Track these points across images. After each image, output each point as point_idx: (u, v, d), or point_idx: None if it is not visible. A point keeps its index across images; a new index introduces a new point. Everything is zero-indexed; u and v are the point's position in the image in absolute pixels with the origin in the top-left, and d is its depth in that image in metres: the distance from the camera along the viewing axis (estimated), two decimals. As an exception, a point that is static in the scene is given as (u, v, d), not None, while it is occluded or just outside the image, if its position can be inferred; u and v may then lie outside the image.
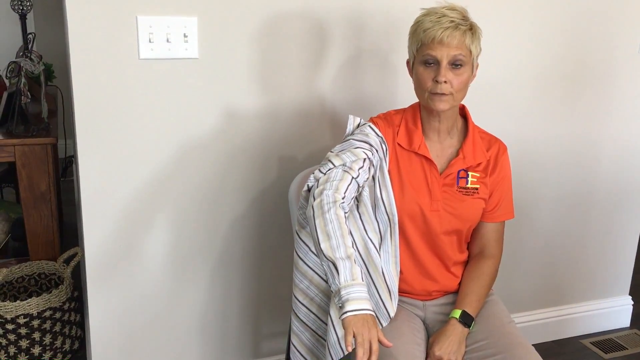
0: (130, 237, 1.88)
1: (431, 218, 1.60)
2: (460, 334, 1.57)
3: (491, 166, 1.64)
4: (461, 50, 1.49)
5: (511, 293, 2.44)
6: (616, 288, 2.65)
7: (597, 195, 2.47)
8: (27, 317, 2.19)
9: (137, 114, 1.78)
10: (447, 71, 1.50)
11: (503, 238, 1.73)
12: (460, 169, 1.61)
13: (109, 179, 1.80)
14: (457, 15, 1.50)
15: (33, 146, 2.35)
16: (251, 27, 1.81)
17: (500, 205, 1.67)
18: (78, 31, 1.66)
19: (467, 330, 1.58)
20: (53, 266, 2.43)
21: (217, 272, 2.02)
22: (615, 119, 2.38)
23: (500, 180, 1.66)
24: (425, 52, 1.51)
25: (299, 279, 1.60)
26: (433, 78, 1.51)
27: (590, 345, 2.55)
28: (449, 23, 1.48)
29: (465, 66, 1.51)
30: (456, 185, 1.61)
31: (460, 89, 1.53)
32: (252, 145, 1.93)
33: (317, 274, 1.59)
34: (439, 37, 1.48)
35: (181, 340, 2.04)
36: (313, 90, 1.94)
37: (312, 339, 1.61)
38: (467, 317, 1.59)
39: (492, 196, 1.65)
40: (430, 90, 1.53)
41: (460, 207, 1.60)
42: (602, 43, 2.25)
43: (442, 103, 1.53)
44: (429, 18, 1.50)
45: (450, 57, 1.49)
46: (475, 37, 1.52)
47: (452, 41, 1.48)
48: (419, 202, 1.59)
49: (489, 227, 1.69)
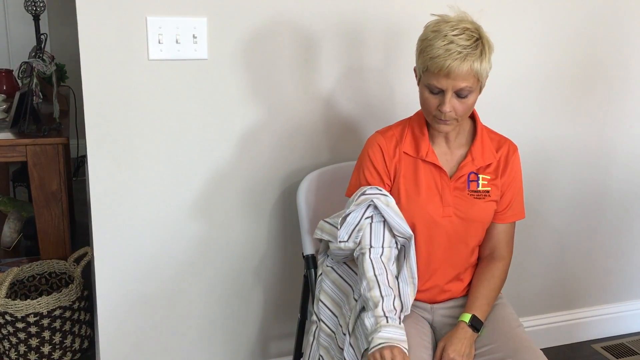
0: (139, 237, 1.88)
1: (443, 224, 1.59)
2: (470, 337, 1.56)
3: (502, 167, 1.63)
4: (467, 82, 1.45)
5: (522, 296, 2.43)
6: (629, 292, 2.62)
7: (610, 197, 2.44)
8: (37, 315, 2.20)
9: (146, 114, 1.78)
10: (453, 101, 1.47)
11: (513, 239, 1.71)
12: (470, 172, 1.60)
13: (119, 180, 1.81)
14: (467, 41, 1.43)
15: (44, 146, 2.36)
16: (260, 28, 1.81)
17: (511, 206, 1.66)
18: (88, 32, 1.67)
19: (476, 334, 1.57)
20: (64, 265, 2.45)
21: (225, 273, 2.02)
22: (628, 119, 2.35)
23: (511, 181, 1.64)
24: (430, 80, 1.47)
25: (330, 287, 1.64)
26: (437, 106, 1.49)
27: (601, 349, 2.52)
28: (457, 55, 1.41)
29: (472, 94, 1.49)
30: (467, 189, 1.59)
31: (466, 113, 1.51)
32: (261, 145, 1.93)
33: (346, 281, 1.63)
34: (445, 70, 1.42)
35: (190, 340, 2.05)
36: (325, 90, 1.93)
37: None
38: (477, 321, 1.58)
39: (503, 197, 1.64)
40: (434, 114, 1.52)
41: (472, 211, 1.59)
42: (613, 43, 2.23)
43: (446, 127, 1.53)
44: (438, 43, 1.43)
45: (456, 88, 1.45)
46: (485, 60, 1.46)
47: (460, 74, 1.43)
48: (429, 208, 1.58)
49: (499, 228, 1.67)
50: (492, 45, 1.50)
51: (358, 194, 1.53)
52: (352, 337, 1.53)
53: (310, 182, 1.88)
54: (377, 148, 1.62)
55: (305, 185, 1.87)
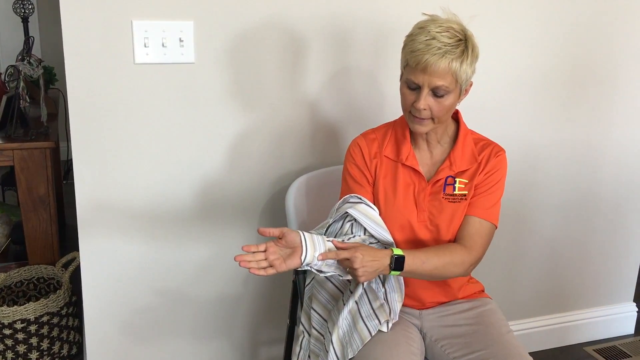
0: (127, 242, 1.86)
1: (419, 230, 1.58)
2: (382, 265, 1.43)
3: (481, 168, 1.59)
4: (444, 80, 1.43)
5: (514, 299, 2.42)
6: (620, 294, 2.61)
7: (601, 200, 2.44)
8: (25, 322, 2.18)
9: (132, 119, 1.76)
10: (428, 98, 1.46)
11: (485, 241, 1.59)
12: (447, 176, 1.58)
13: (105, 184, 1.79)
14: (449, 39, 1.42)
15: (32, 150, 2.34)
16: (248, 32, 1.79)
17: (480, 199, 1.57)
18: (73, 35, 1.65)
19: (389, 271, 1.46)
20: (52, 270, 2.43)
21: (214, 278, 2.00)
22: (618, 123, 2.35)
23: (485, 179, 1.58)
24: (409, 75, 1.47)
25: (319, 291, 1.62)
26: (413, 102, 1.48)
27: (593, 352, 2.51)
28: (437, 50, 1.40)
29: (448, 94, 1.46)
30: (442, 192, 1.58)
31: (442, 114, 1.49)
32: (249, 149, 1.91)
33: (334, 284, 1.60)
34: (422, 64, 1.42)
35: (178, 346, 2.03)
36: (312, 93, 1.92)
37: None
38: (400, 264, 1.44)
39: (475, 190, 1.58)
40: (410, 111, 1.50)
41: (443, 215, 1.56)
42: (605, 46, 2.23)
43: (421, 127, 1.51)
44: (420, 38, 1.43)
45: (432, 85, 1.44)
46: (467, 62, 1.44)
47: (436, 70, 1.42)
48: (406, 214, 1.57)
49: (468, 219, 1.57)
50: (478, 51, 1.48)
51: (340, 203, 1.52)
52: (336, 336, 1.51)
53: (299, 186, 1.87)
54: (358, 148, 1.62)
55: (294, 190, 1.85)
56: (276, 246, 1.41)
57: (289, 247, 1.42)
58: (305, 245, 1.42)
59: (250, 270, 1.37)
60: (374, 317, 1.52)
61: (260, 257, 1.39)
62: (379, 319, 1.51)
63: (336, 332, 1.51)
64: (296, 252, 1.41)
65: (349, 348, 1.49)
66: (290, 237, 1.41)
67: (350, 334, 1.51)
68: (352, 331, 1.51)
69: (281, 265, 1.39)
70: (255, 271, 1.37)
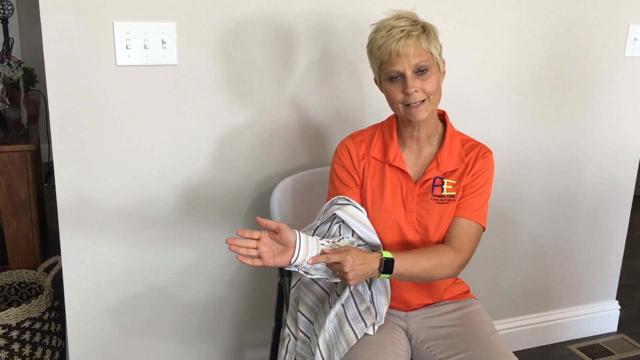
0: (109, 245, 1.84)
1: (407, 231, 1.58)
2: (371, 269, 1.43)
3: (468, 169, 1.60)
4: (421, 56, 1.47)
5: (497, 298, 2.43)
6: (603, 293, 2.64)
7: (583, 199, 2.46)
8: (6, 327, 2.14)
9: (113, 121, 1.74)
10: (414, 80, 1.48)
11: (473, 242, 1.59)
12: (435, 177, 1.59)
13: (86, 187, 1.77)
14: (405, 22, 1.47)
15: (12, 153, 2.31)
16: (232, 32, 1.78)
17: (468, 200, 1.58)
18: (53, 37, 1.63)
19: (378, 274, 1.45)
20: (33, 275, 2.39)
21: (199, 281, 1.99)
22: (601, 124, 2.37)
23: (472, 180, 1.59)
24: (387, 69, 1.49)
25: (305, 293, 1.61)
26: (403, 91, 1.49)
27: (577, 350, 2.53)
28: (400, 33, 1.45)
29: (430, 69, 1.49)
30: (430, 193, 1.58)
31: (434, 91, 1.51)
32: (234, 151, 1.90)
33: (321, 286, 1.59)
34: (395, 51, 1.45)
35: (162, 349, 2.01)
36: (299, 94, 1.91)
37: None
38: (390, 267, 1.44)
39: (463, 191, 1.58)
40: (403, 102, 1.51)
41: (431, 216, 1.57)
42: (588, 47, 2.24)
43: (420, 112, 1.51)
44: (380, 34, 1.48)
45: (413, 66, 1.46)
46: (432, 37, 1.49)
47: (409, 50, 1.45)
48: (394, 215, 1.57)
49: (456, 221, 1.58)
50: (435, 27, 1.52)
51: (328, 204, 1.51)
52: (322, 339, 1.50)
53: (285, 188, 1.86)
54: (346, 150, 1.62)
55: (278, 192, 1.84)
56: (269, 239, 1.40)
57: (282, 244, 1.41)
58: (299, 249, 1.41)
59: (237, 257, 1.36)
60: (360, 319, 1.51)
61: (252, 244, 1.38)
62: (365, 321, 1.51)
63: (322, 335, 1.50)
64: (287, 252, 1.40)
65: (335, 351, 1.49)
66: (286, 235, 1.40)
67: (337, 337, 1.50)
68: (339, 334, 1.50)
69: (270, 260, 1.38)
70: (242, 258, 1.36)
